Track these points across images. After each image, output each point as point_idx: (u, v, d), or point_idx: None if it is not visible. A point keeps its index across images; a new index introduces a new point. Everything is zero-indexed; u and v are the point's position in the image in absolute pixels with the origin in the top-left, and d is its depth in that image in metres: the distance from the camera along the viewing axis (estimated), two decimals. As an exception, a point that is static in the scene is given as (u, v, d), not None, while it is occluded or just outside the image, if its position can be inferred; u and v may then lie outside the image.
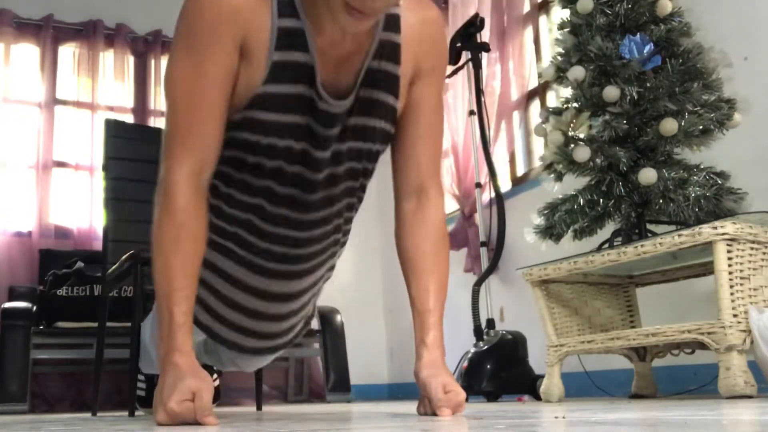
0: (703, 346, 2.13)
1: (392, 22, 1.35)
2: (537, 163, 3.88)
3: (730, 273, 1.95)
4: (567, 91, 2.57)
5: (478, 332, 3.01)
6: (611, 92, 2.38)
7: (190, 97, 1.27)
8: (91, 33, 4.87)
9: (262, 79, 1.26)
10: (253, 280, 1.47)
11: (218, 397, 2.20)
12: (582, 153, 2.41)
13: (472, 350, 2.95)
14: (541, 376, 2.53)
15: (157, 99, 4.96)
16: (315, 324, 4.57)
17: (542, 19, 4.06)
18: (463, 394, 1.35)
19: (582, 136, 2.48)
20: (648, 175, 2.31)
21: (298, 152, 1.32)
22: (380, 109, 1.37)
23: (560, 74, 2.57)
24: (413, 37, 1.37)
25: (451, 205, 4.74)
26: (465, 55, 3.40)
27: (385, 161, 1.51)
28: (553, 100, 3.35)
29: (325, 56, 1.29)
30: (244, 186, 1.38)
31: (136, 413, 2.15)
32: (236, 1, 1.24)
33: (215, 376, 1.97)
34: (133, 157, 2.55)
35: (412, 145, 1.43)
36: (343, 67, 1.32)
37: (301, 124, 1.30)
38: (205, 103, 1.27)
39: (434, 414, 1.33)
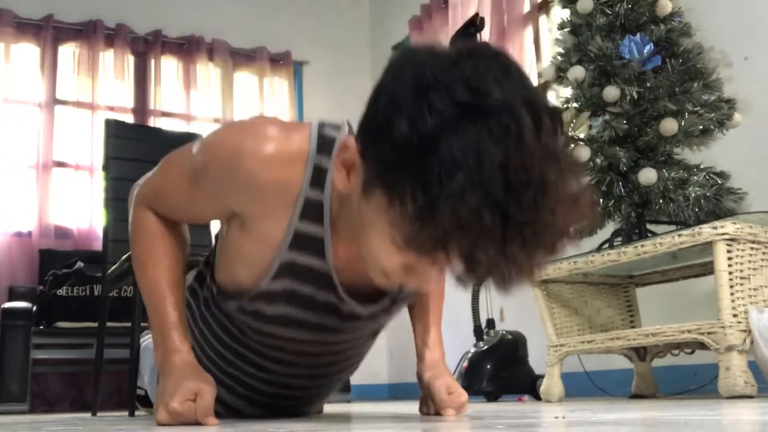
0: (703, 346, 2.13)
1: None
2: (537, 163, 3.88)
3: (730, 273, 1.95)
4: (567, 91, 2.57)
5: (478, 332, 3.01)
6: (611, 92, 2.38)
7: (176, 193, 1.22)
8: (91, 33, 4.87)
9: (271, 275, 1.17)
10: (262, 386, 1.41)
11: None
12: (582, 153, 2.41)
13: (472, 350, 2.95)
14: (541, 376, 2.53)
15: (157, 99, 4.96)
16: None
17: (542, 19, 4.06)
18: (465, 396, 1.35)
19: (582, 136, 2.48)
20: (648, 175, 2.31)
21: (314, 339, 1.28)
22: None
23: (560, 74, 2.57)
24: None
25: (451, 205, 4.74)
26: (465, 55, 3.39)
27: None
28: (553, 100, 3.35)
29: (348, 263, 1.16)
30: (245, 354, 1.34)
31: (136, 413, 2.15)
32: (248, 189, 1.10)
33: None
34: (133, 157, 2.55)
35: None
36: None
37: (323, 322, 1.23)
38: (187, 206, 1.23)
39: (437, 414, 1.33)
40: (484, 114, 0.80)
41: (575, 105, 2.51)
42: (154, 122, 4.90)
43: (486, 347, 2.92)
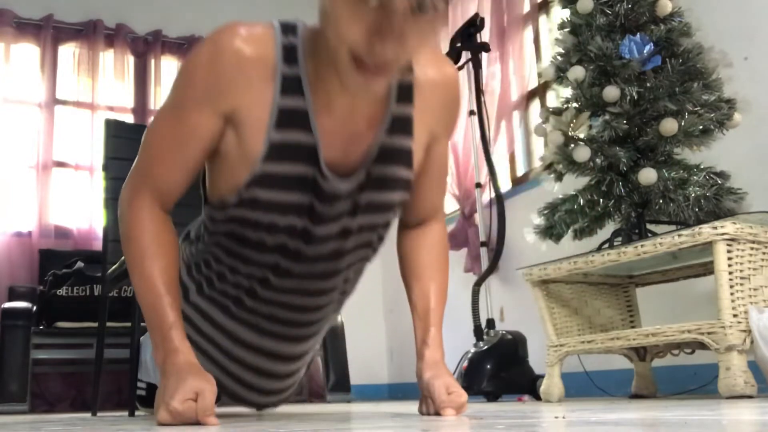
0: (703, 346, 2.13)
1: (405, 93, 1.29)
2: (537, 163, 3.88)
3: (730, 273, 1.95)
4: (567, 91, 2.57)
5: (478, 332, 3.01)
6: (611, 92, 2.38)
7: (164, 145, 1.26)
8: (91, 33, 4.87)
9: (260, 158, 1.21)
10: (257, 340, 1.46)
11: (219, 398, 2.20)
12: (582, 153, 2.41)
13: (472, 350, 2.95)
14: (541, 376, 2.53)
15: (157, 99, 4.96)
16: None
17: (542, 19, 4.06)
18: (465, 396, 1.36)
19: (582, 136, 2.48)
20: (648, 175, 2.31)
21: (300, 229, 1.28)
22: (394, 183, 1.32)
23: (560, 74, 2.57)
24: (426, 105, 1.32)
25: (451, 205, 4.75)
26: (465, 55, 3.40)
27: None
28: (553, 100, 3.35)
29: (331, 136, 1.24)
30: (247, 259, 1.35)
31: (136, 413, 2.15)
32: (234, 74, 1.19)
33: None
34: (132, 157, 2.53)
35: (419, 190, 1.41)
36: (353, 144, 1.26)
37: (304, 203, 1.26)
38: (177, 155, 1.26)
39: (437, 414, 1.33)
40: None
41: (575, 105, 2.51)
42: (154, 122, 4.90)
43: (486, 347, 2.92)
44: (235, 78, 1.19)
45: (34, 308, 3.83)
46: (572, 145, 2.46)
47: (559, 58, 2.59)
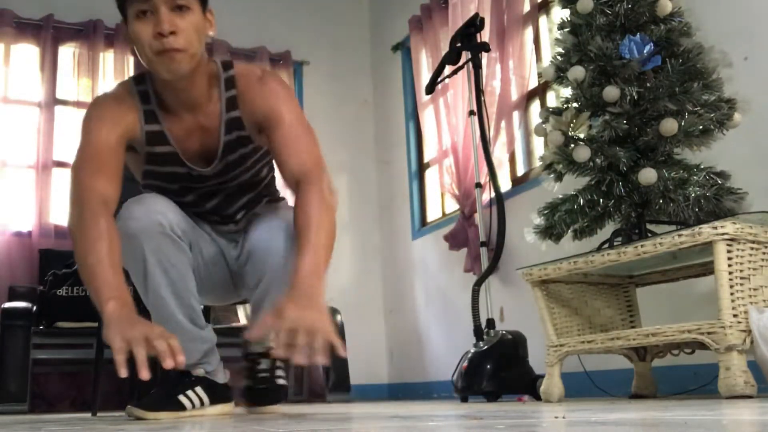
0: (703, 346, 2.13)
1: (231, 103, 1.81)
2: (537, 163, 3.88)
3: (730, 273, 1.95)
4: (567, 91, 2.57)
5: (478, 332, 3.01)
6: (611, 92, 2.38)
7: (88, 169, 1.70)
8: (91, 33, 4.87)
9: (144, 163, 1.84)
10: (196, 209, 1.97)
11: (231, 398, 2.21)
12: (582, 153, 2.41)
13: (472, 350, 2.95)
14: (541, 376, 2.53)
15: (157, 99, 4.95)
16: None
17: (542, 19, 4.06)
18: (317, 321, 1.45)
19: (582, 136, 2.48)
20: (648, 175, 2.31)
21: (186, 188, 1.89)
22: (240, 141, 1.84)
23: (560, 74, 2.56)
24: (245, 89, 1.81)
25: (451, 205, 4.75)
26: (465, 55, 3.39)
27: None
28: (553, 100, 3.35)
29: (186, 141, 1.81)
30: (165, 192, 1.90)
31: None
32: (117, 116, 1.76)
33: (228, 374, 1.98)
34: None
35: (277, 156, 1.80)
36: (205, 144, 1.82)
37: (184, 185, 1.88)
38: (102, 167, 1.71)
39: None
40: None
41: (575, 105, 2.51)
42: (154, 122, 4.89)
43: (486, 347, 2.92)
44: (119, 119, 1.77)
45: (34, 308, 3.83)
46: (572, 145, 2.46)
47: (559, 58, 2.59)
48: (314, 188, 1.72)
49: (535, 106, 3.99)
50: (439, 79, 3.50)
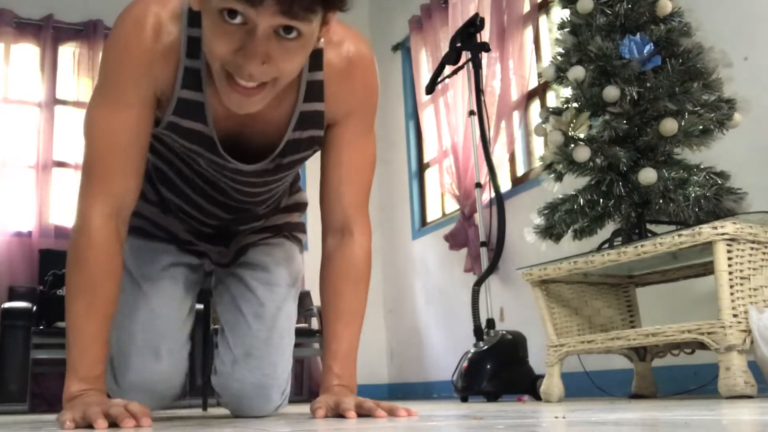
0: (703, 346, 2.13)
1: (315, 91, 1.35)
2: (537, 163, 3.88)
3: (730, 273, 1.95)
4: (567, 91, 2.57)
5: (478, 332, 3.01)
6: (611, 92, 2.38)
7: (108, 138, 1.27)
8: (91, 33, 4.87)
9: (157, 129, 1.35)
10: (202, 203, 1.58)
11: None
12: (582, 153, 2.41)
13: (472, 350, 2.95)
14: (541, 376, 2.53)
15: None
16: (315, 324, 4.57)
17: (542, 19, 4.06)
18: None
19: (582, 136, 2.48)
20: (648, 175, 2.31)
21: (205, 182, 1.49)
22: (308, 142, 1.41)
23: (560, 74, 2.56)
24: (335, 96, 1.36)
25: (451, 205, 4.75)
26: (465, 55, 3.40)
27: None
28: (553, 100, 3.35)
29: (230, 124, 1.33)
30: (172, 181, 1.54)
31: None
32: (147, 68, 1.25)
33: None
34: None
35: (335, 188, 1.42)
36: (263, 127, 1.36)
37: (206, 176, 1.46)
38: (122, 145, 1.27)
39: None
40: None
41: (575, 105, 2.51)
42: (154, 122, 4.90)
43: (486, 347, 2.92)
44: (153, 68, 1.26)
45: (34, 308, 3.83)
46: (572, 145, 2.46)
47: (559, 58, 2.59)
48: (363, 248, 1.44)
49: (535, 106, 3.99)
50: (439, 79, 3.50)
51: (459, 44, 3.36)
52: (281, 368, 1.67)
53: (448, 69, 3.50)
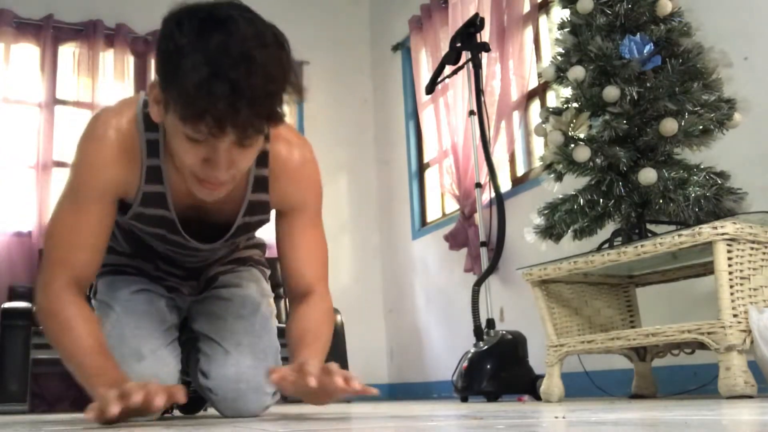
0: (703, 346, 2.13)
1: (261, 184, 1.54)
2: (537, 163, 3.88)
3: (730, 273, 1.95)
4: (567, 91, 2.57)
5: (478, 332, 3.01)
6: (611, 92, 2.38)
7: (71, 233, 1.43)
8: (91, 33, 4.87)
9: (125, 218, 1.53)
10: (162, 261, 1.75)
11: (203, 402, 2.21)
12: (582, 153, 2.41)
13: (472, 350, 2.95)
14: (541, 376, 2.53)
15: (157, 99, 4.95)
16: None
17: (542, 19, 4.06)
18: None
19: (582, 136, 2.48)
20: (648, 175, 2.31)
21: (168, 250, 1.66)
22: (257, 223, 1.63)
23: (560, 74, 2.56)
24: (279, 174, 1.54)
25: (451, 205, 4.75)
26: (465, 55, 3.40)
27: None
28: (553, 100, 3.35)
29: (189, 209, 1.51)
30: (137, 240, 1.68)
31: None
32: (115, 172, 1.42)
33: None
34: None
35: (296, 268, 1.58)
36: (217, 212, 1.55)
37: (168, 247, 1.63)
38: (84, 235, 1.43)
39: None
40: (212, 30, 1.17)
41: (575, 105, 2.51)
42: (154, 122, 4.89)
43: (486, 347, 2.92)
44: (116, 174, 1.43)
45: (34, 308, 3.83)
46: (572, 145, 2.46)
47: (559, 58, 2.59)
48: (324, 303, 1.58)
49: (535, 106, 3.99)
50: (439, 79, 3.50)
51: (459, 44, 3.36)
52: (271, 357, 1.74)
53: (448, 69, 3.50)
